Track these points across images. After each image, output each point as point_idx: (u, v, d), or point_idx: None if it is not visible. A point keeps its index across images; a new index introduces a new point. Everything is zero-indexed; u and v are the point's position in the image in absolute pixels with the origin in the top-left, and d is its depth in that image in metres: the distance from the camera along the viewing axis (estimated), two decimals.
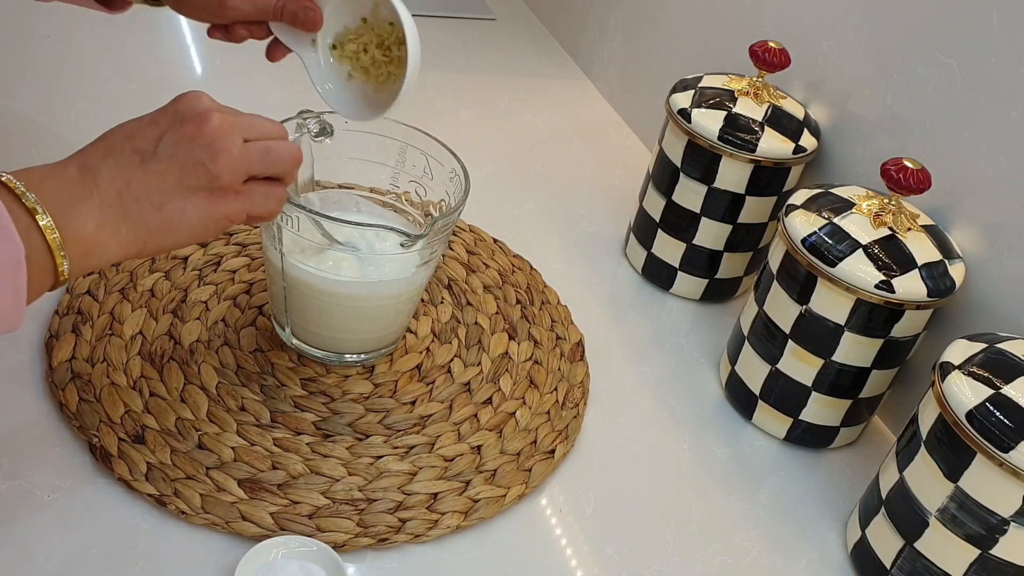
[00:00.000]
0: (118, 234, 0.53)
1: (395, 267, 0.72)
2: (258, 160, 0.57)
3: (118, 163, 0.53)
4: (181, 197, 0.54)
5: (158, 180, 0.53)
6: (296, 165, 0.60)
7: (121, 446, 0.65)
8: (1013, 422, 0.58)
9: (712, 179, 0.86)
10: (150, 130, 0.54)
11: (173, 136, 0.54)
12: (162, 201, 0.54)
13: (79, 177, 0.52)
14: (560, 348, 0.83)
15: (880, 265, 0.70)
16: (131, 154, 0.53)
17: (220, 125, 0.55)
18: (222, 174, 0.55)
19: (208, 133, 0.54)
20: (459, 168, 0.73)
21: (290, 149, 0.59)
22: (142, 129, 0.54)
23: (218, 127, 0.55)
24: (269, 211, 0.59)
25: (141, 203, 0.53)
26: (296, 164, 0.60)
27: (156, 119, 0.55)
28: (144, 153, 0.53)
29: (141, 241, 0.54)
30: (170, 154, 0.54)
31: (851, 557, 0.71)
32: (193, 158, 0.54)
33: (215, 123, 0.54)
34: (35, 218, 0.49)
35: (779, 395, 0.78)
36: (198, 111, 0.55)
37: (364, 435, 0.71)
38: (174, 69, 1.10)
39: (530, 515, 0.69)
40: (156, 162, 0.53)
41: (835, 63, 0.88)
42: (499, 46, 1.35)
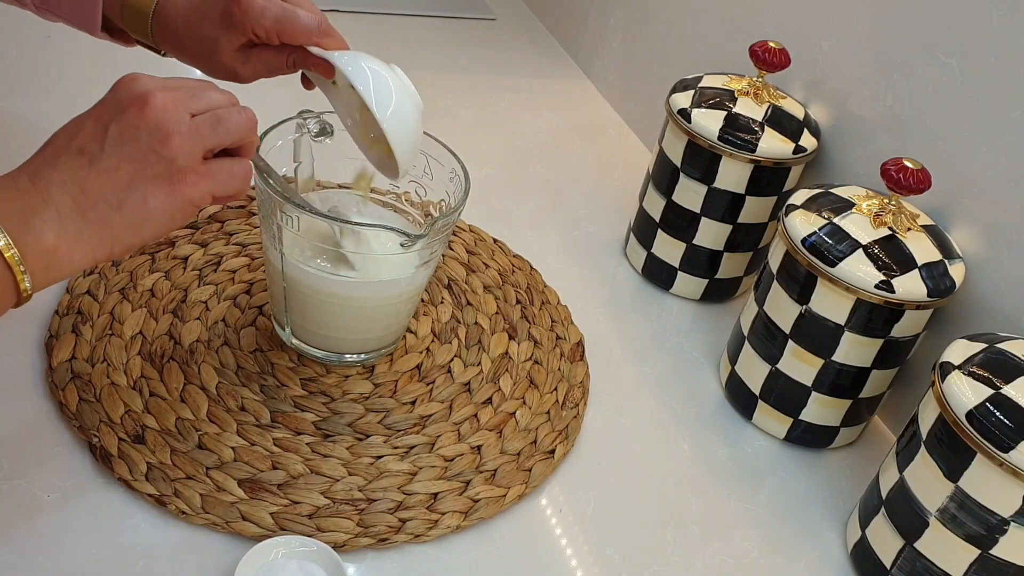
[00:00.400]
0: (81, 241, 0.51)
1: (395, 267, 0.72)
2: (210, 133, 0.54)
3: (68, 168, 0.51)
4: (140, 191, 0.51)
5: (111, 178, 0.51)
6: (251, 130, 0.56)
7: (121, 446, 0.65)
8: (1013, 422, 0.58)
9: (712, 179, 0.86)
10: (92, 126, 0.52)
11: (117, 128, 0.51)
12: (120, 199, 0.51)
13: (31, 188, 0.50)
14: (560, 348, 0.83)
15: (880, 265, 0.70)
16: (78, 155, 0.51)
17: (163, 105, 0.52)
18: (176, 157, 0.52)
19: (152, 117, 0.51)
20: (459, 168, 0.73)
21: (241, 115, 0.55)
22: (84, 126, 0.52)
23: (161, 108, 0.52)
24: (235, 189, 0.56)
25: (99, 206, 0.51)
26: (251, 129, 0.56)
27: (97, 113, 0.52)
28: (91, 153, 0.51)
29: (107, 244, 0.52)
30: (118, 148, 0.51)
31: (851, 557, 0.71)
32: (143, 147, 0.51)
33: (157, 104, 0.52)
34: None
35: (779, 395, 0.78)
36: (136, 95, 0.52)
37: (364, 435, 0.71)
38: (174, 70, 1.10)
39: (530, 515, 0.69)
40: (106, 159, 0.51)
41: (835, 63, 0.88)
42: (499, 46, 1.35)
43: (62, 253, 0.50)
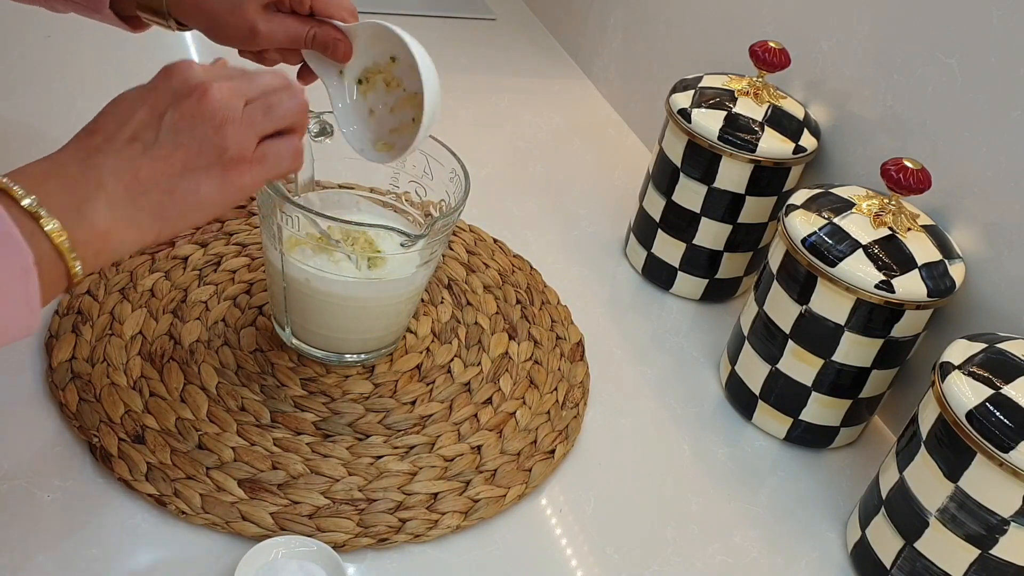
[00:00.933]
0: (132, 226, 0.51)
1: (395, 267, 0.72)
2: (262, 120, 0.55)
3: (120, 155, 0.51)
4: (192, 179, 0.52)
5: (165, 166, 0.51)
6: (303, 112, 0.57)
7: (121, 446, 0.65)
8: (1013, 422, 0.58)
9: (712, 179, 0.86)
10: (146, 114, 0.52)
11: (173, 116, 0.52)
12: (173, 186, 0.52)
13: (81, 175, 0.50)
14: (560, 348, 0.83)
15: (880, 265, 0.70)
16: (130, 143, 0.51)
17: (220, 96, 0.52)
18: (229, 146, 0.53)
19: (209, 108, 0.52)
20: (459, 168, 0.73)
21: (293, 99, 0.56)
22: (136, 112, 0.52)
23: (218, 98, 0.52)
24: (287, 169, 0.57)
25: (151, 192, 0.51)
26: (303, 111, 0.57)
27: (149, 100, 0.52)
28: (145, 141, 0.51)
29: (157, 229, 0.52)
30: (173, 136, 0.51)
31: (851, 557, 0.71)
32: (197, 136, 0.52)
33: (214, 95, 0.52)
34: (39, 223, 0.48)
35: (779, 395, 0.78)
36: (194, 85, 0.52)
37: (364, 435, 0.71)
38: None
39: (530, 515, 0.69)
40: (160, 148, 0.51)
41: (835, 63, 0.88)
42: (499, 46, 1.35)
43: (113, 238, 0.51)
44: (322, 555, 0.61)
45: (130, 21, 0.73)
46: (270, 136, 0.56)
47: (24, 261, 0.46)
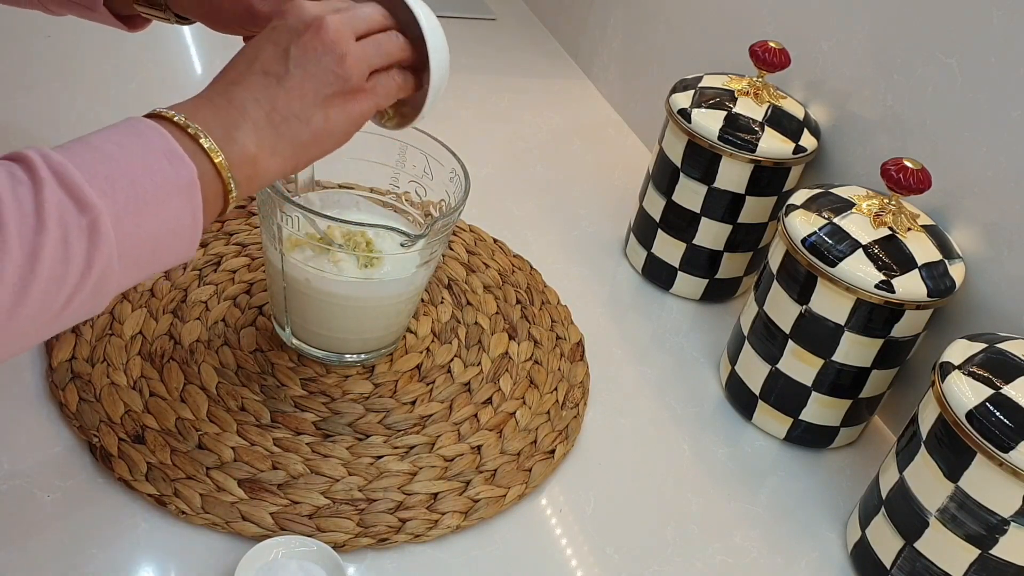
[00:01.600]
0: (276, 152, 0.55)
1: (395, 267, 0.72)
2: (375, 54, 0.58)
3: (257, 87, 0.55)
4: (323, 107, 0.56)
5: (299, 95, 0.55)
6: (406, 49, 0.61)
7: (121, 446, 0.65)
8: (1013, 422, 0.58)
9: (712, 179, 0.86)
10: (272, 50, 0.56)
11: (296, 51, 0.55)
12: (308, 115, 0.56)
13: (228, 105, 0.54)
14: (560, 348, 0.83)
15: (880, 265, 0.70)
16: (264, 76, 0.55)
17: (336, 27, 0.56)
18: (351, 75, 0.56)
19: (328, 39, 0.56)
20: (459, 168, 0.73)
21: (397, 40, 0.60)
22: (263, 50, 0.56)
23: (335, 30, 0.56)
24: (397, 97, 0.61)
25: (290, 121, 0.55)
26: (404, 49, 0.60)
27: (274, 38, 0.56)
28: (277, 73, 0.55)
29: (297, 156, 0.56)
30: (301, 68, 0.55)
31: (851, 557, 0.71)
32: (323, 67, 0.56)
33: (331, 27, 0.56)
34: (200, 143, 0.51)
35: (779, 395, 0.78)
36: (309, 20, 0.56)
37: (364, 435, 0.71)
38: (174, 69, 1.10)
39: (530, 515, 0.69)
40: (291, 78, 0.55)
41: (835, 63, 0.88)
42: (499, 46, 1.35)
43: (262, 162, 0.54)
44: (322, 555, 0.61)
45: (127, 20, 0.74)
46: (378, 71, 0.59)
47: (190, 175, 0.50)
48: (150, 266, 0.51)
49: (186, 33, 1.18)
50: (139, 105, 0.58)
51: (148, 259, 0.50)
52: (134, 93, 1.04)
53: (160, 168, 0.49)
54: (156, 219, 0.49)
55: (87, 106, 1.00)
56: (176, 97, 0.54)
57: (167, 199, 0.49)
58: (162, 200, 0.49)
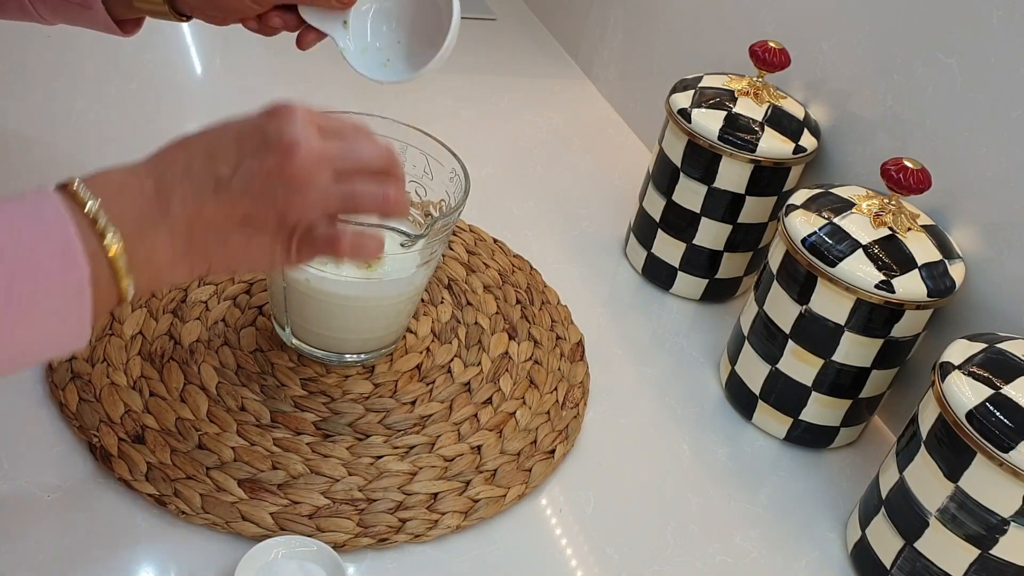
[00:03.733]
0: (182, 260, 0.51)
1: (395, 267, 0.72)
2: (337, 204, 0.52)
3: (194, 187, 0.50)
4: (247, 233, 0.51)
5: (228, 210, 0.50)
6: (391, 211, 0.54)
7: (121, 446, 0.65)
8: (1013, 422, 0.58)
9: (712, 179, 0.86)
10: (232, 152, 0.50)
11: (253, 165, 0.50)
12: (228, 235, 0.51)
13: (154, 197, 0.49)
14: (560, 348, 0.83)
15: (880, 265, 0.70)
16: (208, 178, 0.50)
17: (305, 163, 0.50)
18: (290, 216, 0.51)
19: (289, 172, 0.50)
20: (459, 168, 0.73)
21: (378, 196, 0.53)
22: (225, 148, 0.50)
23: (302, 165, 0.50)
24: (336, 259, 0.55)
25: (208, 235, 0.50)
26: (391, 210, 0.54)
27: (241, 138, 0.51)
28: (220, 180, 0.50)
29: (201, 269, 0.52)
30: (244, 186, 0.50)
31: (851, 557, 0.71)
32: (267, 195, 0.50)
33: (300, 160, 0.50)
34: (102, 241, 0.47)
35: (779, 395, 0.78)
36: (284, 142, 0.50)
37: (364, 435, 0.71)
38: (174, 69, 1.10)
39: (530, 515, 0.69)
40: (229, 192, 0.50)
41: (835, 63, 0.88)
42: (499, 46, 1.35)
43: (165, 269, 0.50)
44: (322, 555, 0.61)
45: (121, 24, 0.73)
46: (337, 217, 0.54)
47: (81, 278, 0.46)
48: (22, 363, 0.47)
49: (186, 33, 1.18)
50: (139, 105, 0.58)
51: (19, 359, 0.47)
52: (134, 93, 1.04)
53: (49, 267, 0.45)
54: (30, 323, 0.45)
55: (87, 106, 1.00)
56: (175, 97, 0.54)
57: (47, 302, 0.45)
58: (40, 303, 0.45)
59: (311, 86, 1.12)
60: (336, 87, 1.13)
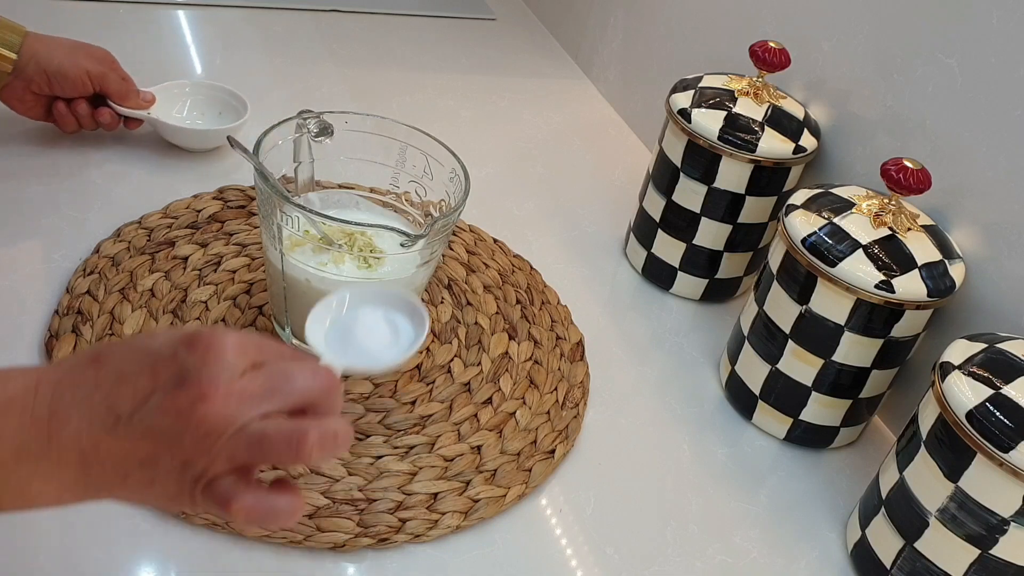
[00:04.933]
0: (69, 488, 0.46)
1: (395, 267, 0.72)
2: (243, 452, 0.45)
3: (92, 417, 0.44)
4: (149, 473, 0.45)
5: (127, 450, 0.44)
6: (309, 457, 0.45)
7: None
8: (1013, 422, 0.58)
9: (712, 179, 0.86)
10: (143, 382, 0.44)
11: (161, 402, 0.44)
12: (127, 473, 0.45)
13: (44, 423, 0.44)
14: (560, 348, 0.83)
15: (880, 265, 0.70)
16: (107, 412, 0.44)
17: (218, 407, 0.44)
18: (196, 466, 0.45)
19: (199, 415, 0.44)
20: (459, 168, 0.73)
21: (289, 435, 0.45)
22: (136, 376, 0.45)
23: (215, 410, 0.44)
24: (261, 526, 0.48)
25: (105, 469, 0.45)
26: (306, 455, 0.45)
27: (156, 368, 0.45)
28: (120, 413, 0.44)
29: (94, 497, 0.47)
30: (148, 421, 0.44)
31: (851, 557, 0.71)
32: (171, 436, 0.44)
33: (212, 405, 0.44)
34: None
35: (779, 395, 0.78)
36: (200, 381, 0.44)
37: (364, 435, 0.71)
38: (174, 69, 1.10)
39: (530, 515, 0.69)
40: (130, 429, 0.44)
41: (835, 63, 0.88)
42: (499, 46, 1.35)
43: (46, 495, 0.46)
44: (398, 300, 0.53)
45: None
46: None
47: None
48: None
49: (186, 33, 1.18)
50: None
51: None
52: None
53: None
54: None
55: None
56: None
57: None
58: None
59: (310, 86, 1.12)
60: (336, 87, 1.13)
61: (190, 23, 1.20)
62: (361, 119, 0.75)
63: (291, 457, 0.45)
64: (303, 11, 1.29)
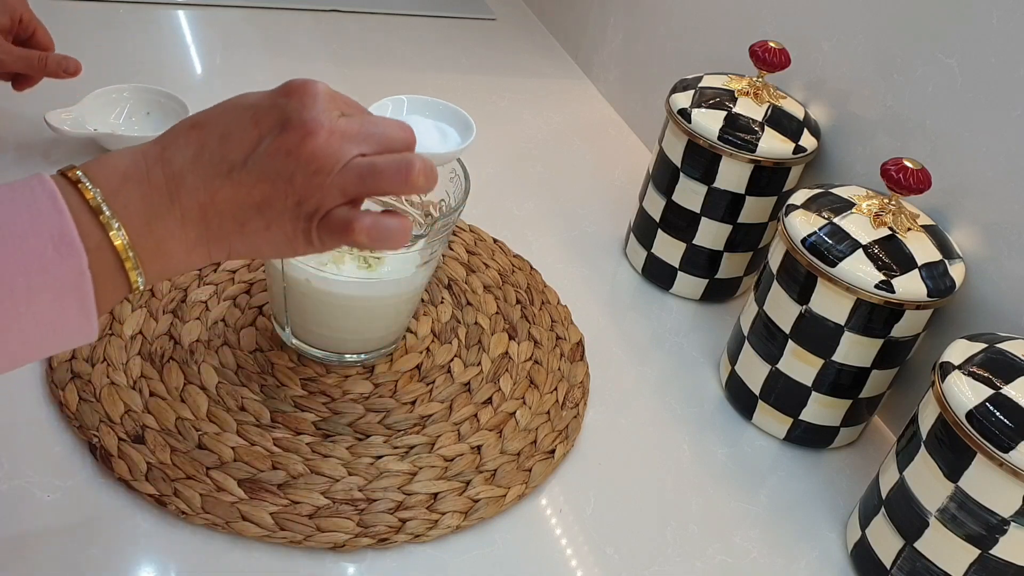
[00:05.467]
0: (197, 246, 0.49)
1: (395, 267, 0.72)
2: (355, 183, 0.49)
3: (205, 170, 0.47)
4: (266, 217, 0.49)
5: (244, 194, 0.48)
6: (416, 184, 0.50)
7: (121, 446, 0.65)
8: (1013, 422, 0.58)
9: (712, 179, 0.86)
10: (248, 132, 0.48)
11: (270, 147, 0.48)
12: (245, 219, 0.48)
13: (162, 184, 0.47)
14: (560, 348, 0.83)
15: (880, 265, 0.70)
16: (220, 162, 0.48)
17: (324, 145, 0.48)
18: (309, 200, 0.48)
19: (308, 152, 0.48)
20: (459, 168, 0.73)
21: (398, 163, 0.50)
22: (240, 128, 0.48)
23: (321, 147, 0.48)
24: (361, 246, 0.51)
25: (224, 219, 0.48)
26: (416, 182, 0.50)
27: (258, 118, 0.48)
28: (232, 162, 0.48)
29: (221, 253, 0.50)
30: (261, 166, 0.48)
31: (851, 557, 0.71)
32: (285, 176, 0.48)
33: (319, 142, 0.48)
34: (107, 233, 0.45)
35: (779, 395, 0.78)
36: (304, 121, 0.48)
37: (364, 435, 0.71)
38: (174, 69, 1.10)
39: (530, 515, 0.69)
40: (245, 174, 0.48)
41: (835, 63, 0.88)
42: (499, 46, 1.35)
43: (177, 256, 0.49)
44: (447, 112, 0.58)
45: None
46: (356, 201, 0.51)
47: (79, 266, 0.44)
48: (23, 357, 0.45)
49: (186, 33, 1.18)
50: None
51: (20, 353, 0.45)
52: None
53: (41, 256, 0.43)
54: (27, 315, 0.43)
55: None
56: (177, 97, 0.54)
57: (43, 293, 0.43)
58: (35, 293, 0.43)
59: None
60: (336, 87, 1.13)
61: (190, 23, 1.20)
62: None
63: (400, 183, 0.50)
64: (303, 11, 1.29)
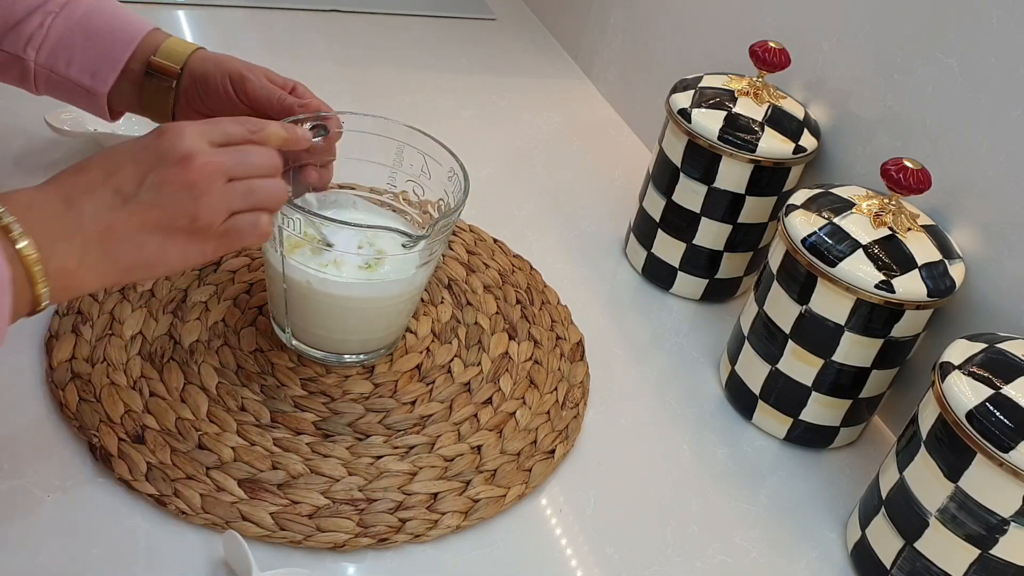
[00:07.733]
0: (98, 270, 0.54)
1: (395, 267, 0.72)
2: (240, 200, 0.58)
3: (102, 202, 0.54)
4: (161, 237, 0.55)
5: (139, 220, 0.54)
6: (280, 202, 0.61)
7: (121, 446, 0.65)
8: (1013, 422, 0.58)
9: (712, 179, 0.86)
10: (132, 170, 0.54)
11: (155, 178, 0.54)
12: (143, 242, 0.55)
13: (64, 213, 0.53)
14: (560, 348, 0.83)
15: (880, 265, 0.70)
16: (113, 194, 0.54)
17: (202, 168, 0.55)
18: (201, 215, 0.56)
19: (189, 178, 0.55)
20: (458, 168, 0.73)
21: (275, 187, 0.60)
22: (123, 167, 0.55)
23: (200, 170, 0.55)
24: (251, 244, 0.61)
25: (123, 243, 0.54)
26: (280, 201, 0.61)
27: (137, 157, 0.55)
28: (126, 194, 0.54)
29: (120, 276, 0.56)
30: (152, 195, 0.54)
31: (851, 557, 0.71)
32: (174, 201, 0.55)
33: (197, 166, 0.55)
34: (17, 249, 0.50)
35: (779, 395, 0.78)
36: (180, 153, 0.55)
37: (364, 435, 0.71)
38: None
39: (530, 515, 0.69)
40: (138, 203, 0.54)
41: (835, 63, 0.88)
42: (499, 46, 1.35)
43: (80, 276, 0.53)
44: None
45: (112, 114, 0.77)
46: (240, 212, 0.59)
47: (2, 278, 0.49)
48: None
49: (186, 33, 1.18)
50: None
51: None
52: None
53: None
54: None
55: None
56: None
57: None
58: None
59: (310, 86, 1.11)
60: (336, 87, 1.13)
61: (190, 23, 1.20)
62: (359, 119, 0.75)
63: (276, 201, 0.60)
64: (303, 11, 1.29)
